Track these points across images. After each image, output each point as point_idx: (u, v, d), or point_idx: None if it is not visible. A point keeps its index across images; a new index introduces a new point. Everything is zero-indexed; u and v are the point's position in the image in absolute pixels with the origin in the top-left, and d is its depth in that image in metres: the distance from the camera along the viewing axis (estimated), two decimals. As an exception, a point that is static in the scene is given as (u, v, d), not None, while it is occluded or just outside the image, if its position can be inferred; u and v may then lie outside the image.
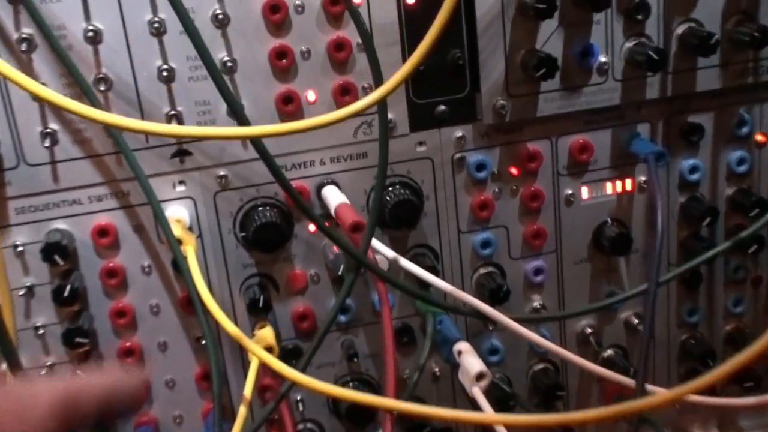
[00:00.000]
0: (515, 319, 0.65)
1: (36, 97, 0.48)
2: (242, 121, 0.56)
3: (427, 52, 0.52)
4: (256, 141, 0.56)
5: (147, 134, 0.54)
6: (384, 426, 0.59)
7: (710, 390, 0.58)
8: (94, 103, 0.61)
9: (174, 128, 0.48)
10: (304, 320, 0.72)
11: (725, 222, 0.78)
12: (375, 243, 0.65)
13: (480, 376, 0.65)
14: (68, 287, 0.64)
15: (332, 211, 0.66)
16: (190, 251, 0.64)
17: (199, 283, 0.62)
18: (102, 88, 0.62)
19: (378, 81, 0.59)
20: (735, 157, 0.77)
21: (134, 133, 0.64)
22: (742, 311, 0.82)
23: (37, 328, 0.67)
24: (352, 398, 0.59)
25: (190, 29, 0.53)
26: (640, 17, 0.69)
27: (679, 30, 0.70)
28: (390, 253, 0.66)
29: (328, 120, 0.52)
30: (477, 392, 0.64)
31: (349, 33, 0.66)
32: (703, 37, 0.68)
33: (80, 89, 0.61)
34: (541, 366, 0.78)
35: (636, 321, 0.79)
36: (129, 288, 0.68)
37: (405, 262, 0.65)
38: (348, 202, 0.66)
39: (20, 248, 0.65)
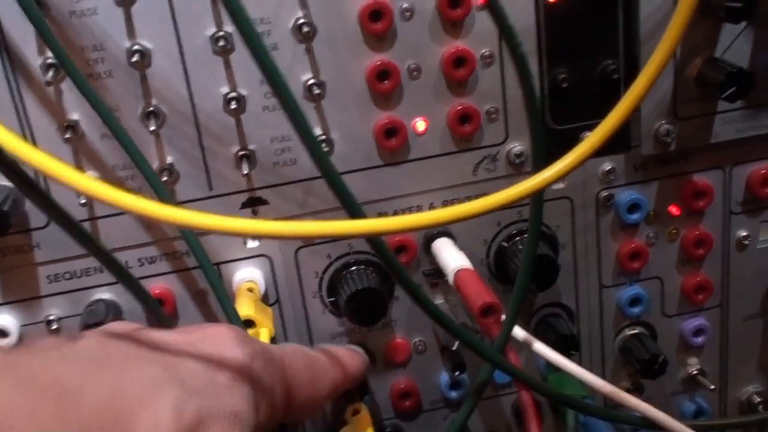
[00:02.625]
0: (693, 427, 0.49)
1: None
2: (331, 178, 0.40)
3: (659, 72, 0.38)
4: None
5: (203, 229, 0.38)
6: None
7: None
8: (129, 151, 0.47)
9: (244, 223, 0.33)
10: (406, 398, 0.58)
11: None
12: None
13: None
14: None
15: (449, 276, 0.51)
16: (264, 335, 0.49)
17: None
18: (152, 127, 0.47)
19: (533, 106, 0.42)
20: None
21: (194, 179, 0.50)
22: None
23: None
24: None
25: (254, 44, 0.36)
26: None
27: None
28: (532, 340, 0.51)
29: (481, 208, 0.36)
30: None
31: (472, 43, 0.50)
32: None
33: (111, 132, 0.46)
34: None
35: (817, 384, 0.64)
36: (191, 366, 0.54)
37: (540, 347, 0.50)
38: (469, 264, 0.51)
39: (54, 324, 0.52)
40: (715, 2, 0.48)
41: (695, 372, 0.62)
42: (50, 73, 0.45)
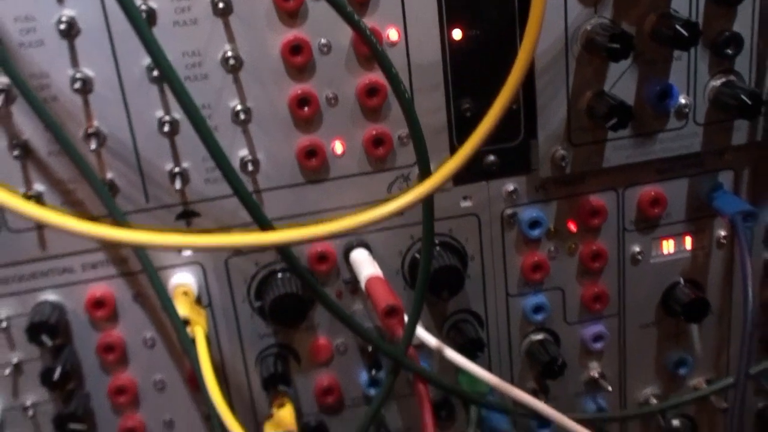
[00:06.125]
0: (577, 421, 0.55)
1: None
2: (243, 198, 0.46)
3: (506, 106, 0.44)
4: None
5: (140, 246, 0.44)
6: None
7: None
8: (79, 164, 0.52)
9: (172, 238, 0.39)
10: (328, 394, 0.63)
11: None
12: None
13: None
14: (58, 370, 0.56)
15: (362, 284, 0.57)
16: (198, 333, 0.55)
17: (207, 373, 0.54)
18: (93, 147, 0.53)
19: (420, 144, 0.48)
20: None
21: (132, 193, 0.56)
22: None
23: (26, 408, 0.59)
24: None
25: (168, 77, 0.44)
26: (729, 52, 0.58)
27: (776, 67, 0.59)
28: (433, 341, 0.56)
29: (373, 217, 0.43)
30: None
31: (383, 75, 0.56)
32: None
33: (61, 147, 0.52)
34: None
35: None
36: (130, 362, 0.60)
37: (450, 353, 0.56)
38: (380, 273, 0.57)
39: (4, 323, 0.57)
40: (600, 43, 0.54)
41: (596, 375, 0.68)
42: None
